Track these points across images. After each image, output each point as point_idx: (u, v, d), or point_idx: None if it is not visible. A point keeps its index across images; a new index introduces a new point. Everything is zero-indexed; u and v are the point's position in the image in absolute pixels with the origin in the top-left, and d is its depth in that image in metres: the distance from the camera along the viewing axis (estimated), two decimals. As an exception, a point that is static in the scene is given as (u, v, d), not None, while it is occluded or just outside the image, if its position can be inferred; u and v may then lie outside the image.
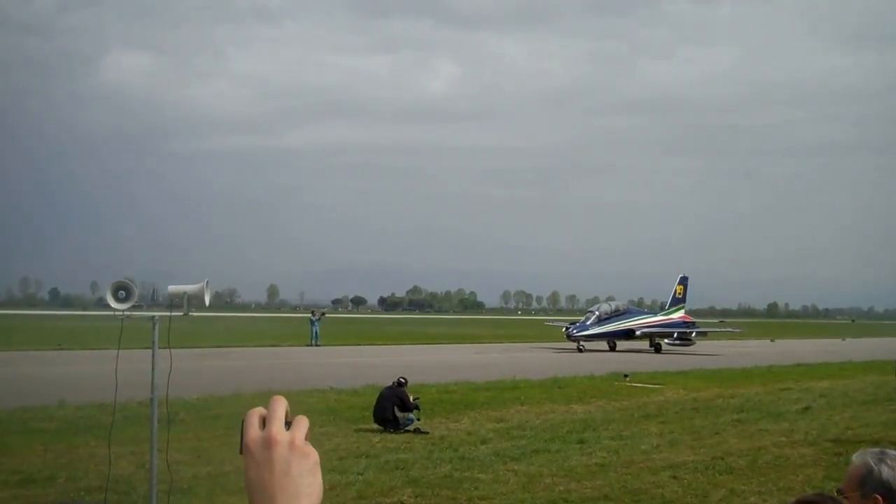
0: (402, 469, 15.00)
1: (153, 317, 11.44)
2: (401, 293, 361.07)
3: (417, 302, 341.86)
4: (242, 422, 1.73)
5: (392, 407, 19.71)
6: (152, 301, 38.51)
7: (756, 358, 47.66)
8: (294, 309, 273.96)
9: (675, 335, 61.32)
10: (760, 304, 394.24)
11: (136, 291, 13.03)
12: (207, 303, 12.40)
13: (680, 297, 69.06)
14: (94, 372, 31.98)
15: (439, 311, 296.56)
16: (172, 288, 12.58)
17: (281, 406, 1.74)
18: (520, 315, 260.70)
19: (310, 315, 62.80)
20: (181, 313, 11.59)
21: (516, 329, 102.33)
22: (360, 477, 14.23)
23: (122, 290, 12.88)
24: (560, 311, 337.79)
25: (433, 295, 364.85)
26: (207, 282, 12.45)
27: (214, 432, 18.46)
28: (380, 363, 40.71)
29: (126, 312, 11.23)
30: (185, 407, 20.97)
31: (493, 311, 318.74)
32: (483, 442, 18.14)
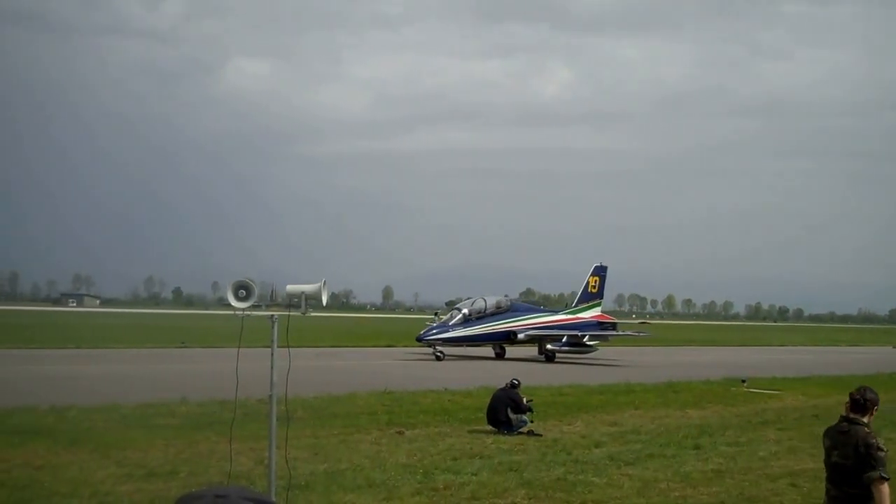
0: (516, 471, 14.97)
1: (272, 316, 11.64)
2: (514, 295, 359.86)
3: (533, 303, 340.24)
4: None
5: (505, 408, 19.70)
6: (271, 300, 39.22)
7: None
8: (408, 310, 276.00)
9: (564, 339, 49.17)
10: (882, 310, 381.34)
11: (256, 291, 13.32)
12: (325, 302, 12.58)
13: (594, 291, 56.81)
14: (214, 369, 32.83)
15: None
16: (291, 288, 12.80)
17: None
18: (634, 318, 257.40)
19: (433, 316, 63.92)
20: (299, 313, 11.75)
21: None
22: (473, 477, 14.25)
23: (243, 290, 13.17)
24: (675, 315, 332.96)
25: (546, 297, 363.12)
26: (325, 282, 12.64)
27: (331, 430, 18.75)
28: (492, 365, 40.75)
29: (246, 311, 11.43)
30: (302, 405, 21.32)
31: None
32: (597, 445, 18.00)
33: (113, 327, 75.63)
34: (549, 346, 48.49)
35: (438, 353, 44.72)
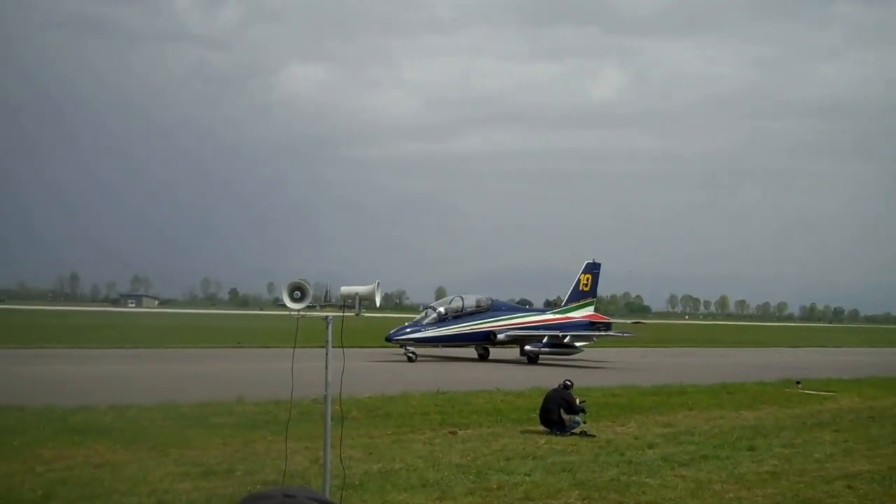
0: (569, 471, 14.98)
1: (326, 317, 11.78)
2: (565, 296, 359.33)
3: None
4: None
5: (558, 409, 19.71)
6: (325, 301, 39.55)
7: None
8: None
9: (545, 339, 46.28)
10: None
11: (311, 292, 13.49)
12: (378, 303, 12.70)
13: (586, 289, 53.50)
14: (270, 369, 33.17)
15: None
16: (345, 289, 12.95)
17: None
18: (687, 319, 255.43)
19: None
20: (353, 314, 11.88)
21: (682, 333, 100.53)
22: (526, 478, 14.29)
23: (298, 291, 13.35)
24: (729, 317, 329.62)
25: (599, 298, 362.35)
26: (378, 283, 12.76)
27: (385, 430, 18.88)
28: (545, 366, 40.70)
29: (301, 312, 11.58)
30: (356, 405, 21.51)
31: (660, 314, 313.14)
32: (650, 446, 17.94)
33: (171, 327, 76.66)
34: (527, 348, 46.18)
35: (410, 354, 42.41)
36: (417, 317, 46.62)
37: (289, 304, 13.43)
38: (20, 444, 15.83)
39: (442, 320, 45.16)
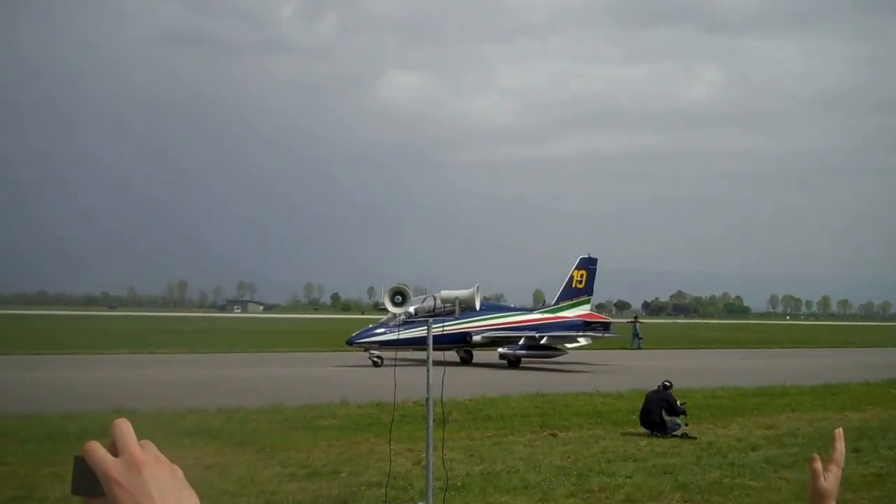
0: (671, 473, 14.93)
1: (428, 320, 11.98)
2: (664, 298, 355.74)
3: (682, 307, 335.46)
4: (78, 458, 1.49)
5: (659, 410, 19.61)
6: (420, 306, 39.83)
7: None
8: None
9: (521, 342, 41.76)
10: None
11: (411, 296, 13.74)
12: (478, 306, 12.87)
13: (580, 287, 48.86)
14: (371, 372, 33.63)
15: (704, 316, 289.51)
16: (445, 293, 13.17)
17: (130, 427, 1.52)
18: (788, 320, 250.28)
19: (632, 320, 65.55)
20: (453, 317, 12.05)
21: (784, 334, 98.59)
22: (628, 480, 14.30)
23: (399, 295, 13.63)
24: (832, 317, 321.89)
25: (697, 299, 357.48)
26: (478, 287, 12.94)
27: (485, 432, 19.04)
28: (642, 367, 40.42)
29: (402, 316, 11.79)
30: (456, 407, 21.72)
31: (760, 315, 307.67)
32: (753, 448, 17.74)
33: (275, 332, 77.99)
34: (501, 350, 42.03)
35: (375, 359, 38.58)
36: (384, 318, 41.76)
37: (390, 308, 13.71)
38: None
39: (410, 321, 39.27)
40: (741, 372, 37.90)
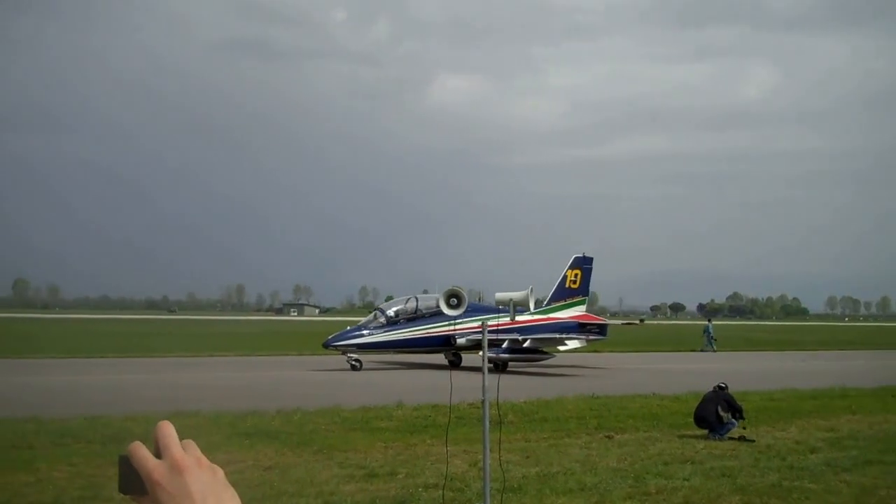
0: (729, 476, 14.84)
1: (482, 322, 12.06)
2: (720, 299, 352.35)
3: (738, 308, 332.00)
4: (123, 458, 1.56)
5: (715, 409, 19.46)
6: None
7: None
8: (613, 315, 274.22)
9: (504, 345, 39.21)
10: None
11: (467, 299, 13.83)
12: (532, 308, 12.92)
13: (574, 287, 46.47)
14: (426, 374, 33.79)
15: (761, 318, 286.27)
16: (499, 295, 13.24)
17: (172, 430, 1.58)
18: (847, 322, 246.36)
19: (706, 322, 65.29)
20: (508, 318, 12.11)
21: (842, 335, 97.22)
22: (685, 482, 14.25)
23: (454, 298, 13.73)
24: (893, 318, 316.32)
25: (754, 301, 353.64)
26: (532, 289, 12.99)
27: (541, 434, 19.07)
28: (698, 369, 40.13)
29: (456, 318, 11.87)
30: (512, 409, 21.78)
31: (818, 317, 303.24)
32: (812, 451, 17.56)
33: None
34: (481, 354, 39.21)
35: (354, 363, 37.68)
36: (363, 320, 41.62)
37: (445, 310, 13.81)
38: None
39: (392, 323, 39.94)
40: (799, 374, 37.51)
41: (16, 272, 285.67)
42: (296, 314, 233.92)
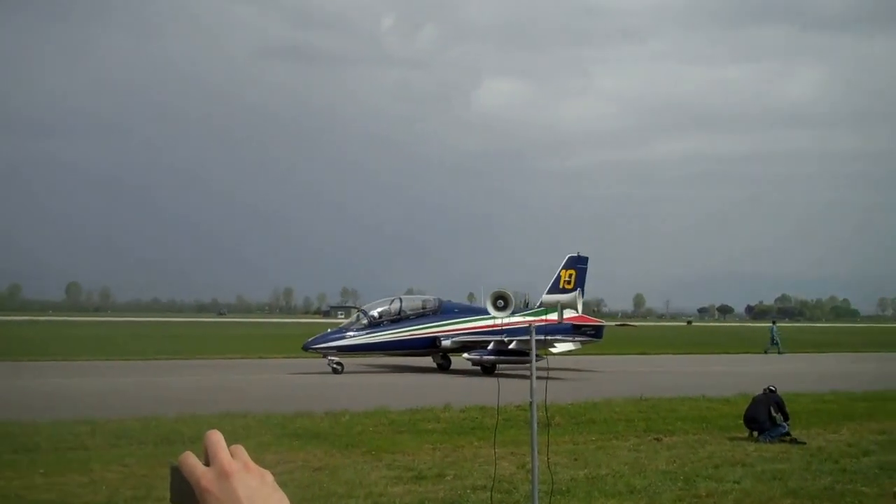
0: (780, 479, 14.70)
1: (529, 325, 12.06)
2: (769, 301, 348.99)
3: (787, 310, 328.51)
4: (174, 469, 1.58)
5: (766, 411, 19.29)
6: (525, 309, 39.74)
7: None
8: (660, 318, 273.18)
9: (490, 346, 38.21)
10: None
11: (514, 301, 13.86)
12: (579, 311, 12.91)
13: (569, 287, 44.39)
14: (471, 376, 33.80)
15: (810, 320, 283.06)
16: (546, 297, 13.23)
17: (220, 437, 1.61)
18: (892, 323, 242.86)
19: (770, 324, 65.15)
20: (555, 321, 12.10)
21: (894, 336, 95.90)
22: (736, 485, 14.13)
23: (501, 300, 13.77)
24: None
25: (803, 303, 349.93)
26: (579, 291, 12.97)
27: (589, 437, 19.01)
28: (747, 371, 39.81)
29: (504, 320, 11.90)
30: (560, 411, 21.72)
31: (869, 318, 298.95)
32: (865, 454, 17.33)
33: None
34: (466, 356, 38.56)
35: (335, 366, 36.66)
36: (345, 322, 41.13)
37: (493, 312, 13.86)
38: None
39: (375, 325, 38.94)
40: (850, 376, 37.08)
41: (69, 276, 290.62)
42: (343, 316, 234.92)
